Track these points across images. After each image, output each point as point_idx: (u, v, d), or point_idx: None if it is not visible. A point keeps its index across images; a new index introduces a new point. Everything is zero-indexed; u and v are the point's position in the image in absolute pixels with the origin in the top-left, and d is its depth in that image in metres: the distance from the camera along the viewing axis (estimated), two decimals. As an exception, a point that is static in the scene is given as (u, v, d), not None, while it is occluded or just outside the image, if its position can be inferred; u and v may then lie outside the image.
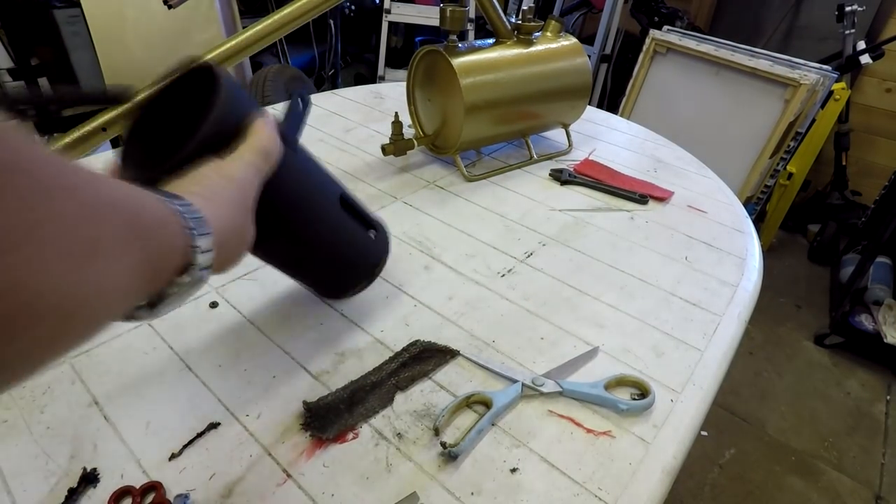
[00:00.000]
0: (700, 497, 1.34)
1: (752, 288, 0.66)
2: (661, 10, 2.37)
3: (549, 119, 0.92)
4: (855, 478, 1.41)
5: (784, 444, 1.49)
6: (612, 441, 0.45)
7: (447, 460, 0.43)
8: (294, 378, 0.49)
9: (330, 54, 2.84)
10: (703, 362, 0.54)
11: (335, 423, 0.45)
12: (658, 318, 0.59)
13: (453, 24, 0.78)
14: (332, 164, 0.86)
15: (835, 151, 2.23)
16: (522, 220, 0.75)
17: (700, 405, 0.49)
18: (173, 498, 0.38)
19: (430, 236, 0.70)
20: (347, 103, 1.10)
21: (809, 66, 1.78)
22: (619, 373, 0.51)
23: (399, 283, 0.61)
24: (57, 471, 0.40)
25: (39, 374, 0.47)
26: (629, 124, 1.10)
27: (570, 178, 0.85)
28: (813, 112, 1.86)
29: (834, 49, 2.13)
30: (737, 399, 1.62)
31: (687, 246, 0.72)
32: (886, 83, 2.23)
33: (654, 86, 2.10)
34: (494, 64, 0.81)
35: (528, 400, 0.48)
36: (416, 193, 0.80)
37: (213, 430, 0.44)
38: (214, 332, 0.53)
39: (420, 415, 0.46)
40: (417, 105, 0.90)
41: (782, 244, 2.37)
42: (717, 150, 1.95)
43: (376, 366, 0.50)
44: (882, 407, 1.64)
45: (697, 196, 0.85)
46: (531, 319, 0.58)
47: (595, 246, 0.71)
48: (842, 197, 2.30)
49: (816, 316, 1.97)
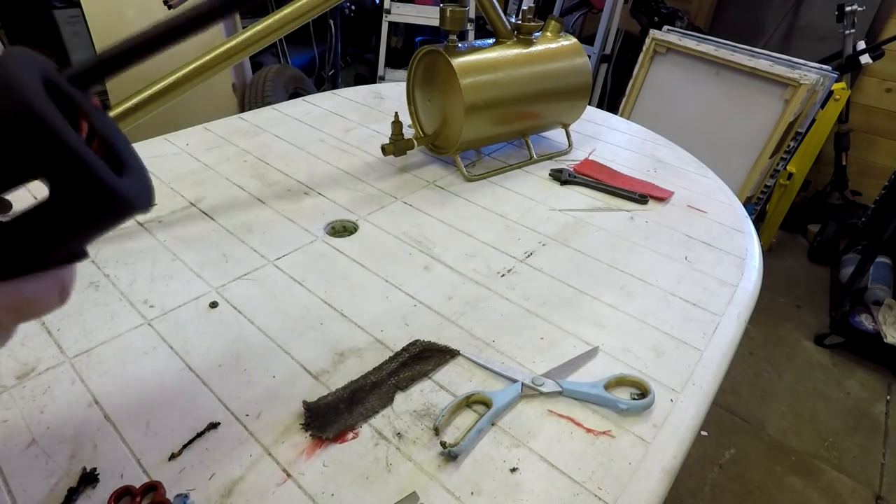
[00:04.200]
0: (700, 497, 1.34)
1: (752, 288, 0.66)
2: (661, 10, 2.37)
3: (549, 119, 0.92)
4: (855, 478, 1.41)
5: (784, 444, 1.49)
6: (612, 441, 0.45)
7: (447, 460, 0.43)
8: (294, 378, 0.49)
9: (330, 54, 2.84)
10: (703, 362, 0.54)
11: (335, 423, 0.45)
12: (658, 318, 0.59)
13: (453, 24, 0.78)
14: (332, 163, 0.86)
15: (835, 151, 2.23)
16: (522, 220, 0.75)
17: (700, 405, 0.49)
18: (173, 498, 0.38)
19: (430, 236, 0.70)
20: (347, 103, 1.10)
21: (809, 66, 1.78)
22: (619, 373, 0.51)
23: (399, 283, 0.61)
24: (57, 471, 0.40)
25: (39, 373, 0.47)
26: (629, 124, 1.10)
27: (570, 178, 0.85)
28: (813, 112, 1.86)
29: (834, 49, 2.13)
30: (737, 399, 1.62)
31: (687, 246, 0.72)
32: (886, 83, 2.23)
33: (654, 86, 2.10)
34: (494, 64, 0.81)
35: (527, 400, 0.48)
36: (416, 193, 0.80)
37: (213, 430, 0.44)
38: (214, 332, 0.53)
39: (420, 415, 0.46)
40: (417, 105, 0.90)
41: (782, 244, 2.37)
42: (717, 150, 1.95)
43: (376, 366, 0.50)
44: (882, 407, 1.64)
45: (697, 196, 0.85)
46: (531, 319, 0.58)
47: (595, 246, 0.71)
48: (842, 197, 2.30)
49: (816, 316, 1.97)
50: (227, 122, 0.98)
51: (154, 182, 0.82)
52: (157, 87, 0.74)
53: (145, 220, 0.69)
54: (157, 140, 0.89)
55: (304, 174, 0.83)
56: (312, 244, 0.67)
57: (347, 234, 0.70)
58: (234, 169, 0.83)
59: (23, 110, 0.22)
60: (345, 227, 0.72)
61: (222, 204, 0.74)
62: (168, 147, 0.87)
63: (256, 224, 0.70)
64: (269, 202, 0.75)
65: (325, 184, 0.81)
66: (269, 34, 0.77)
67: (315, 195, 0.78)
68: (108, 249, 0.63)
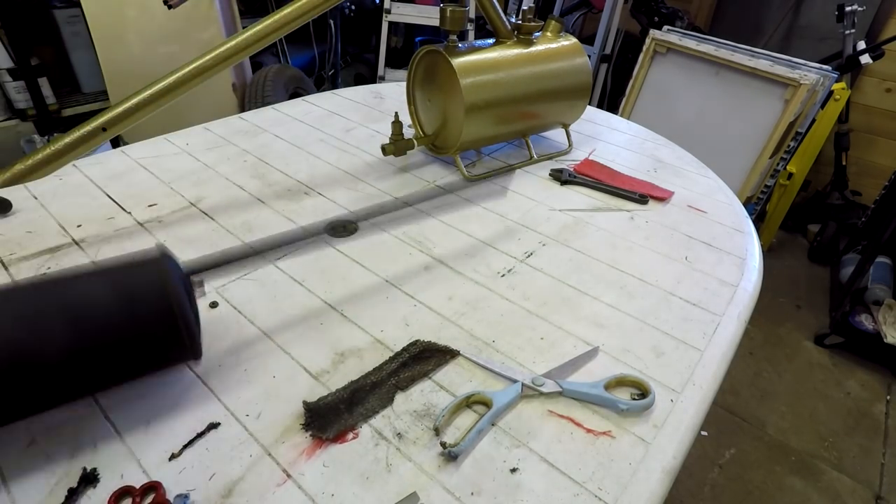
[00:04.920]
0: (700, 497, 1.34)
1: (752, 288, 0.66)
2: (661, 10, 2.36)
3: (549, 119, 0.92)
4: (855, 478, 1.41)
5: (784, 444, 1.49)
6: (612, 441, 0.45)
7: (447, 460, 0.43)
8: (294, 378, 0.49)
9: (330, 54, 2.84)
10: (703, 362, 0.54)
11: (335, 423, 0.45)
12: (658, 318, 0.59)
13: (453, 24, 0.78)
14: (332, 164, 0.86)
15: (835, 151, 2.23)
16: (522, 220, 0.75)
17: (700, 405, 0.49)
18: (173, 498, 0.38)
19: (430, 236, 0.70)
20: (347, 103, 1.10)
21: (809, 66, 1.78)
22: (619, 373, 0.51)
23: (399, 283, 0.61)
24: (57, 471, 0.40)
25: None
26: (629, 124, 1.10)
27: (570, 178, 0.85)
28: (813, 112, 1.86)
29: (834, 49, 2.13)
30: (737, 399, 1.62)
31: (687, 246, 0.72)
32: (886, 83, 2.23)
33: (654, 86, 2.10)
34: (494, 64, 0.81)
35: (528, 400, 0.48)
36: (416, 193, 0.80)
37: (213, 430, 0.44)
38: (214, 332, 0.53)
39: (420, 415, 0.46)
40: (417, 105, 0.90)
41: (782, 244, 2.37)
42: (717, 150, 1.95)
43: (376, 366, 0.50)
44: (882, 407, 1.64)
45: (697, 196, 0.85)
46: (531, 319, 0.58)
47: (595, 246, 0.71)
48: (842, 197, 2.30)
49: (816, 316, 1.97)
50: (227, 122, 0.98)
51: (154, 182, 0.82)
52: (157, 87, 0.74)
53: (145, 220, 0.69)
54: (157, 140, 0.89)
55: (304, 174, 0.83)
56: (312, 244, 0.67)
57: (347, 234, 0.70)
58: (234, 169, 0.83)
59: (170, 317, 0.41)
60: (345, 227, 0.72)
61: (222, 204, 0.74)
62: (168, 147, 0.87)
63: (256, 224, 0.70)
64: (269, 202, 0.75)
65: (325, 184, 0.81)
66: (269, 34, 0.77)
67: (315, 195, 0.78)
68: (109, 249, 0.63)
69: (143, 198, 0.74)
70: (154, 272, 0.42)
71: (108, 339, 0.40)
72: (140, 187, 0.76)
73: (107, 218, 0.69)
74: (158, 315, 0.41)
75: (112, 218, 0.69)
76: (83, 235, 0.66)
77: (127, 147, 0.86)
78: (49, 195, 0.73)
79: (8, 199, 0.69)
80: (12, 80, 2.01)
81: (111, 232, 0.66)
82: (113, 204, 0.72)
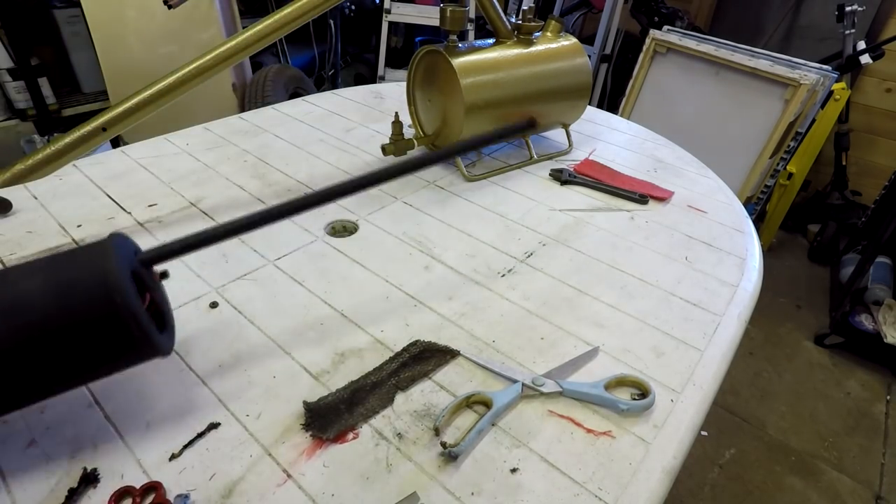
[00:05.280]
0: (700, 497, 1.34)
1: (752, 288, 0.66)
2: (661, 10, 2.36)
3: (550, 119, 0.92)
4: (855, 478, 1.41)
5: (784, 444, 1.49)
6: (612, 441, 0.45)
7: (447, 460, 0.43)
8: (294, 378, 0.49)
9: (330, 54, 2.84)
10: (703, 362, 0.54)
11: (335, 423, 0.45)
12: (658, 318, 0.59)
13: (453, 24, 0.78)
14: (332, 163, 0.86)
15: (835, 151, 2.23)
16: (522, 220, 0.75)
17: (700, 405, 0.49)
18: (173, 498, 0.38)
19: (430, 236, 0.70)
20: (347, 103, 1.10)
21: (809, 66, 1.78)
22: (620, 373, 0.51)
23: (399, 283, 0.61)
24: (57, 471, 0.40)
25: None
26: (629, 124, 1.10)
27: (570, 178, 0.85)
28: (813, 112, 1.86)
29: (834, 49, 2.13)
30: (737, 399, 1.62)
31: (687, 246, 0.72)
32: (886, 83, 2.23)
33: (654, 86, 2.10)
34: (494, 64, 0.81)
35: (528, 400, 0.48)
36: (416, 193, 0.80)
37: (213, 430, 0.44)
38: (214, 332, 0.53)
39: (420, 415, 0.46)
40: (417, 105, 0.90)
41: (782, 244, 2.37)
42: (717, 150, 1.95)
43: (376, 366, 0.50)
44: (882, 407, 1.64)
45: (697, 196, 0.85)
46: (531, 319, 0.58)
47: (595, 246, 0.71)
48: (842, 197, 2.30)
49: (816, 316, 1.97)
50: (227, 122, 0.98)
51: (154, 182, 0.82)
52: (157, 87, 0.74)
53: (145, 220, 0.69)
54: (157, 140, 0.89)
55: (304, 174, 0.83)
56: (312, 244, 0.67)
57: (347, 234, 0.70)
58: (234, 169, 0.83)
59: (110, 306, 0.37)
60: (345, 227, 0.72)
61: (222, 204, 0.74)
62: (168, 147, 0.87)
63: (256, 224, 0.70)
64: (269, 202, 0.75)
65: (326, 184, 0.80)
66: (269, 34, 0.77)
67: (315, 195, 0.78)
68: (108, 249, 0.63)
69: (143, 198, 0.74)
70: (96, 260, 0.38)
71: (45, 334, 0.36)
72: (140, 187, 0.76)
73: (107, 218, 0.69)
74: (99, 306, 0.37)
75: (112, 218, 0.69)
76: (83, 235, 0.66)
77: (127, 147, 0.86)
78: (49, 195, 0.73)
79: (8, 199, 0.69)
80: (12, 80, 2.01)
81: (111, 232, 0.66)
82: (113, 204, 0.72)
